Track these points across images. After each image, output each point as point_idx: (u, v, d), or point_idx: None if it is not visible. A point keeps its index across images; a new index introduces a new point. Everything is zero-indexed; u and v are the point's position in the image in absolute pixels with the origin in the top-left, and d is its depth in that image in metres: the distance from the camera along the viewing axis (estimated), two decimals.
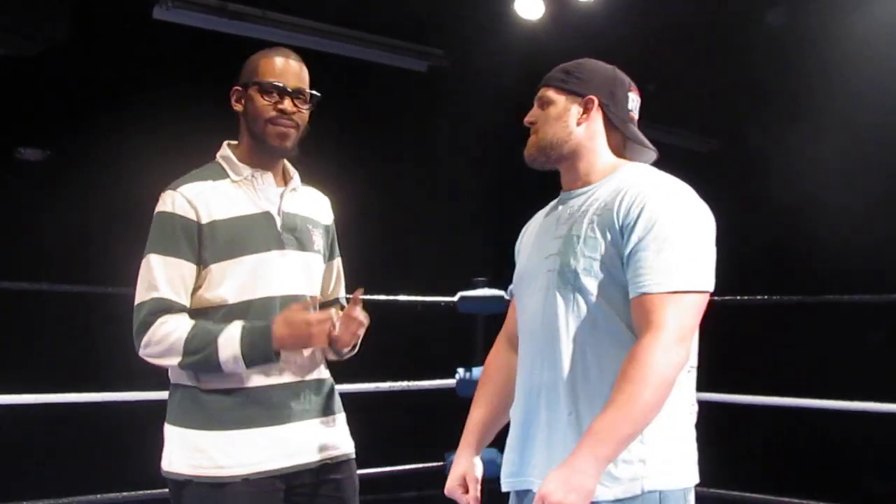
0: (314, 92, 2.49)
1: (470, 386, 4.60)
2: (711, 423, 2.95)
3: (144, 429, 3.24)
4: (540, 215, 2.35)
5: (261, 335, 2.30)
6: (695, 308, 2.00)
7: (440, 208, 6.91)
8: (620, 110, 2.23)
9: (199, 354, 2.31)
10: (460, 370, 4.63)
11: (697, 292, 2.00)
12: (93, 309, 5.32)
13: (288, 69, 2.48)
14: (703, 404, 2.13)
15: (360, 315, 2.44)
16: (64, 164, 5.98)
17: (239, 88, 2.49)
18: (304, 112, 2.48)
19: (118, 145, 5.73)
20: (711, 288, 2.03)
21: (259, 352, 2.31)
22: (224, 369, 2.32)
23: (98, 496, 3.92)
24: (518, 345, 2.26)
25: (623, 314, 2.03)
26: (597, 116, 2.21)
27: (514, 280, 2.31)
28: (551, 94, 2.24)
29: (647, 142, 2.24)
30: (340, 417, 2.56)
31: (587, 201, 2.15)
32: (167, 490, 2.45)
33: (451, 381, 4.67)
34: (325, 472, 2.47)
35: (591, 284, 2.05)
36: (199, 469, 2.35)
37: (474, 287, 4.69)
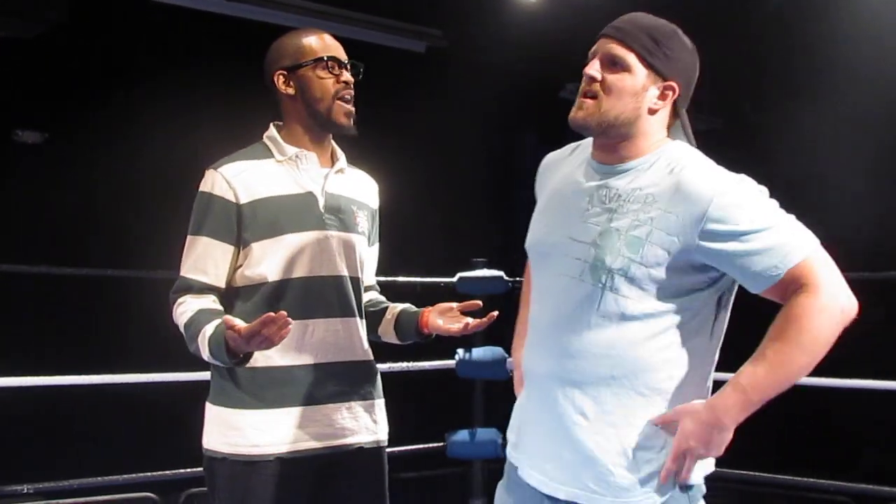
0: (359, 63, 2.49)
1: (470, 367, 4.61)
2: None
3: (165, 408, 3.25)
4: (566, 162, 2.16)
5: (217, 346, 2.26)
6: (830, 258, 1.90)
7: (439, 189, 6.90)
8: (687, 101, 2.06)
9: (193, 345, 2.33)
10: (460, 351, 4.62)
11: (819, 244, 1.91)
12: (92, 291, 5.32)
13: (335, 43, 2.48)
14: None
15: (453, 323, 2.50)
16: (62, 146, 5.97)
17: (284, 72, 2.44)
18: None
19: (116, 128, 5.73)
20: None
21: (221, 360, 2.28)
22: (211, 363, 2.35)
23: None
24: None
25: (653, 322, 1.94)
26: (669, 104, 2.03)
27: (532, 244, 2.15)
28: (633, 60, 1.97)
29: (690, 133, 2.07)
30: (380, 403, 2.55)
31: (629, 186, 1.98)
32: (168, 472, 2.46)
33: (450, 362, 4.67)
34: (358, 456, 2.46)
35: (626, 287, 1.93)
36: (234, 447, 2.35)
37: (473, 268, 4.68)
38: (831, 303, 1.85)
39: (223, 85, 5.52)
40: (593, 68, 1.99)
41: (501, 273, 4.64)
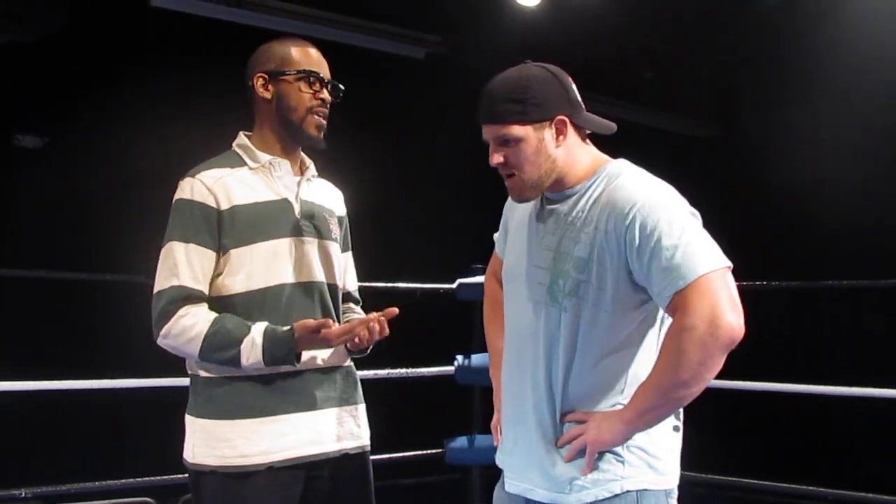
0: (341, 85, 2.50)
1: (469, 373, 4.61)
2: (709, 410, 2.95)
3: (163, 413, 3.23)
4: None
5: (282, 343, 2.30)
6: (718, 283, 1.98)
7: (438, 195, 6.90)
8: (578, 109, 2.19)
9: (222, 353, 2.30)
10: (459, 357, 4.62)
11: (716, 270, 1.99)
12: (91, 296, 5.32)
13: (321, 60, 2.49)
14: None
15: (377, 326, 2.41)
16: (61, 151, 5.97)
17: (265, 76, 2.46)
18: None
19: (116, 132, 5.72)
20: (728, 263, 2.03)
21: (280, 359, 2.31)
22: (245, 370, 2.34)
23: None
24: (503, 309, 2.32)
25: (608, 337, 2.07)
26: (569, 130, 2.17)
27: (505, 273, 2.31)
28: (516, 130, 2.13)
29: (603, 122, 2.21)
30: (361, 408, 2.56)
31: (573, 210, 2.14)
32: (165, 477, 2.44)
33: (449, 368, 4.67)
34: (344, 462, 2.46)
35: (580, 305, 2.07)
36: (223, 459, 2.34)
37: (473, 274, 4.68)
38: (696, 326, 1.94)
39: (222, 89, 5.52)
40: (494, 158, 2.17)
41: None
